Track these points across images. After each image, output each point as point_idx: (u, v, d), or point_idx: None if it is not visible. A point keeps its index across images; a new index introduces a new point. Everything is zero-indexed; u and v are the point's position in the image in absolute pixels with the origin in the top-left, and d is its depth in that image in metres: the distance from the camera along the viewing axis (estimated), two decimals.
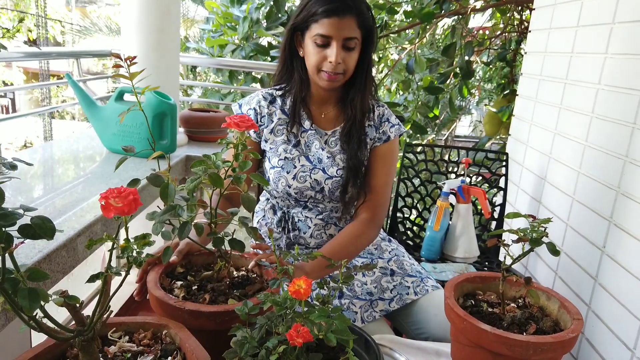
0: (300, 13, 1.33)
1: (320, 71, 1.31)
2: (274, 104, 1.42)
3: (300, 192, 1.38)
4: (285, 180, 1.37)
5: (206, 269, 1.01)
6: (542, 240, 0.90)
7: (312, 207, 1.43)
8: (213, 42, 3.65)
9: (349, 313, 1.30)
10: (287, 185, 1.37)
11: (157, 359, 0.72)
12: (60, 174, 1.73)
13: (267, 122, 1.41)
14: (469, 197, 1.90)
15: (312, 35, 1.29)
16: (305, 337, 0.63)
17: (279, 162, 1.38)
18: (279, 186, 1.38)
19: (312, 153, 1.40)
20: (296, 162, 1.38)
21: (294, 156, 1.38)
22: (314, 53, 1.30)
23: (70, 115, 12.28)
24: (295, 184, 1.37)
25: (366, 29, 1.31)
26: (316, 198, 1.41)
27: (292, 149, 1.39)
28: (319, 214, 1.43)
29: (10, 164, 0.57)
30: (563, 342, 0.84)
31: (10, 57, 2.69)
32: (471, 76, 3.46)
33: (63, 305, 0.62)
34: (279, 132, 1.40)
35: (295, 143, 1.40)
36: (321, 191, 1.39)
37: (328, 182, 1.38)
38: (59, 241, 1.10)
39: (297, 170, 1.37)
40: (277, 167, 1.38)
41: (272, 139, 1.40)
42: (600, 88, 1.50)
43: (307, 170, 1.38)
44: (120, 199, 0.54)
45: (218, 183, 0.83)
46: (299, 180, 1.37)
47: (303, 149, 1.40)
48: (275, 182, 1.38)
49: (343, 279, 0.80)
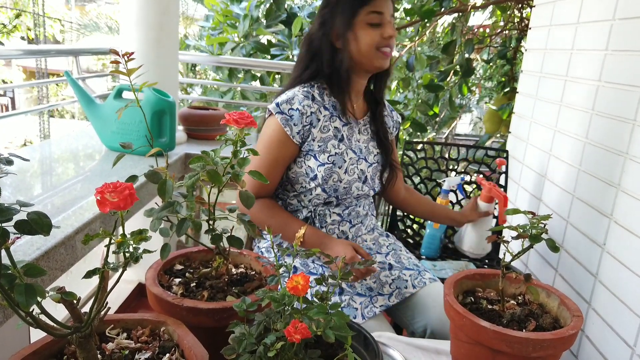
0: (336, 5, 1.35)
1: (378, 50, 1.35)
2: (315, 101, 1.38)
3: (350, 185, 1.40)
4: (338, 175, 1.37)
5: (204, 266, 1.00)
6: (542, 237, 0.90)
7: (339, 204, 1.44)
8: (213, 40, 3.64)
9: (350, 309, 1.30)
10: (338, 180, 1.38)
11: (155, 355, 0.72)
12: (59, 172, 1.73)
13: (314, 121, 1.36)
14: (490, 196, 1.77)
15: (366, 16, 1.33)
16: (303, 333, 0.63)
17: (329, 157, 1.37)
18: (329, 182, 1.36)
19: (354, 145, 1.43)
20: (345, 156, 1.39)
21: (342, 150, 1.39)
22: (368, 34, 1.34)
23: (70, 114, 12.28)
24: (346, 178, 1.39)
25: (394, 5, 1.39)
26: (363, 193, 1.45)
27: (339, 144, 1.40)
28: (345, 208, 1.44)
29: (6, 159, 0.56)
30: (563, 339, 0.84)
31: (9, 55, 2.69)
32: (471, 74, 3.45)
33: (60, 301, 0.61)
34: (325, 129, 1.39)
35: (340, 137, 1.41)
36: (365, 180, 1.44)
37: (369, 169, 1.45)
38: (58, 238, 1.10)
39: (347, 163, 1.39)
40: (328, 164, 1.36)
41: (319, 137, 1.37)
42: (601, 85, 1.49)
43: (354, 162, 1.41)
44: (116, 193, 0.53)
45: (216, 180, 0.83)
46: (350, 173, 1.40)
47: (347, 143, 1.41)
48: (326, 178, 1.36)
49: (341, 276, 0.80)
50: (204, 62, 3.89)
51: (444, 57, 3.37)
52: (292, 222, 1.36)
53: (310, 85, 1.40)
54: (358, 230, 1.48)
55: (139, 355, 0.72)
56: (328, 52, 1.38)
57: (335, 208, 1.42)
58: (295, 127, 1.34)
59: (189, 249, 1.04)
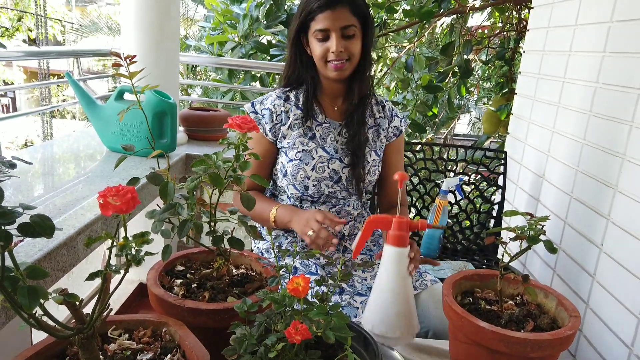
0: (300, 15, 1.40)
1: (327, 63, 1.38)
2: (288, 102, 1.46)
3: (319, 182, 1.42)
4: (304, 171, 1.40)
5: (205, 267, 1.01)
6: (540, 238, 0.90)
7: (326, 202, 1.45)
8: (213, 39, 3.65)
9: (350, 309, 1.31)
10: (305, 176, 1.41)
11: (157, 356, 0.73)
12: (60, 173, 1.73)
13: (284, 119, 1.44)
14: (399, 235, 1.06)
15: (313, 32, 1.37)
16: (303, 334, 0.64)
17: (297, 154, 1.41)
18: (297, 178, 1.41)
19: (328, 144, 1.44)
20: (314, 154, 1.42)
21: (310, 148, 1.42)
22: (317, 48, 1.38)
23: (70, 114, 12.28)
24: (314, 175, 1.41)
25: (361, 16, 1.38)
26: (334, 191, 1.44)
27: (309, 142, 1.43)
28: (332, 207, 1.46)
29: (10, 163, 0.57)
30: (561, 339, 0.84)
31: (10, 56, 2.69)
32: (470, 75, 3.46)
33: (62, 303, 0.62)
34: (295, 127, 1.44)
35: (311, 136, 1.44)
36: (338, 181, 1.44)
37: (345, 170, 1.44)
38: (59, 240, 1.11)
39: (315, 161, 1.42)
40: (295, 160, 1.41)
41: (289, 134, 1.44)
42: (598, 86, 1.50)
43: (324, 161, 1.42)
44: (118, 197, 0.54)
45: (218, 183, 0.84)
46: (318, 170, 1.41)
47: (319, 141, 1.44)
48: (294, 174, 1.41)
49: (342, 277, 0.81)
50: (204, 63, 3.90)
51: (442, 58, 3.38)
52: (265, 204, 1.42)
53: (291, 87, 1.48)
54: (353, 228, 1.49)
55: (141, 356, 0.72)
56: (300, 59, 1.45)
57: (321, 206, 1.45)
58: (266, 125, 1.44)
59: (190, 250, 1.05)
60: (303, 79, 1.47)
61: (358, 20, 1.37)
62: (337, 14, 1.34)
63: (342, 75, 1.40)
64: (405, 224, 1.02)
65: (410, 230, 1.03)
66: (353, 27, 1.36)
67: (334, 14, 1.33)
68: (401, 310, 0.99)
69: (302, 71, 1.46)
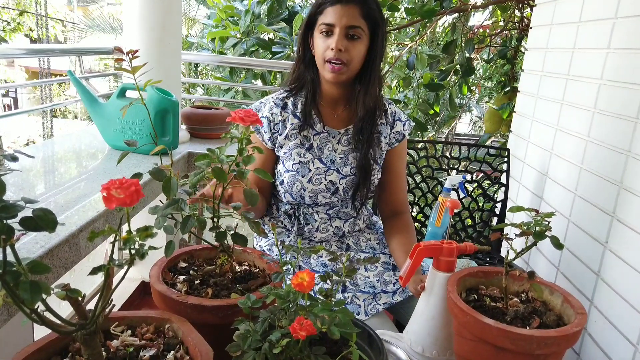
0: (311, 10, 1.36)
1: (325, 62, 1.32)
2: (285, 110, 1.42)
3: (316, 194, 1.40)
4: (301, 183, 1.38)
5: (209, 264, 1.01)
6: (546, 234, 0.90)
7: (323, 204, 1.44)
8: (214, 34, 3.64)
9: (353, 306, 1.30)
10: (302, 188, 1.38)
11: (160, 353, 0.72)
12: (62, 171, 1.73)
13: (281, 129, 1.40)
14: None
15: (319, 26, 1.33)
16: (308, 330, 0.63)
17: (294, 165, 1.38)
18: (293, 189, 1.39)
19: (325, 155, 1.41)
20: (310, 166, 1.39)
21: (307, 160, 1.39)
22: (320, 44, 1.33)
23: (72, 114, 12.28)
24: (310, 187, 1.38)
25: (372, 21, 1.33)
26: (331, 200, 1.42)
27: (306, 153, 1.40)
28: (329, 208, 1.44)
29: (11, 156, 0.56)
30: (567, 336, 0.84)
31: (12, 54, 2.70)
32: (471, 73, 3.45)
33: (65, 298, 0.61)
34: (292, 137, 1.40)
35: (309, 146, 1.40)
36: (336, 192, 1.41)
37: (342, 181, 1.41)
38: (61, 236, 1.10)
39: (312, 173, 1.38)
40: (291, 171, 1.39)
41: (286, 144, 1.40)
42: (603, 83, 1.49)
43: (321, 173, 1.39)
44: (122, 189, 0.53)
45: (221, 177, 0.83)
46: (314, 183, 1.39)
47: (316, 152, 1.41)
48: (290, 185, 1.39)
49: (346, 273, 0.80)
50: (206, 61, 3.89)
51: (444, 56, 3.38)
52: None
53: (290, 93, 1.43)
54: (354, 225, 1.48)
55: (144, 352, 0.72)
56: (305, 58, 1.41)
57: (318, 207, 1.43)
58: (265, 133, 1.41)
59: (193, 247, 1.05)
60: (305, 81, 1.42)
61: (367, 24, 1.31)
62: (346, 11, 1.29)
63: (338, 79, 1.33)
64: (455, 250, 1.05)
65: (459, 254, 1.06)
66: (359, 30, 1.30)
67: (343, 9, 1.29)
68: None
69: (304, 71, 1.42)
